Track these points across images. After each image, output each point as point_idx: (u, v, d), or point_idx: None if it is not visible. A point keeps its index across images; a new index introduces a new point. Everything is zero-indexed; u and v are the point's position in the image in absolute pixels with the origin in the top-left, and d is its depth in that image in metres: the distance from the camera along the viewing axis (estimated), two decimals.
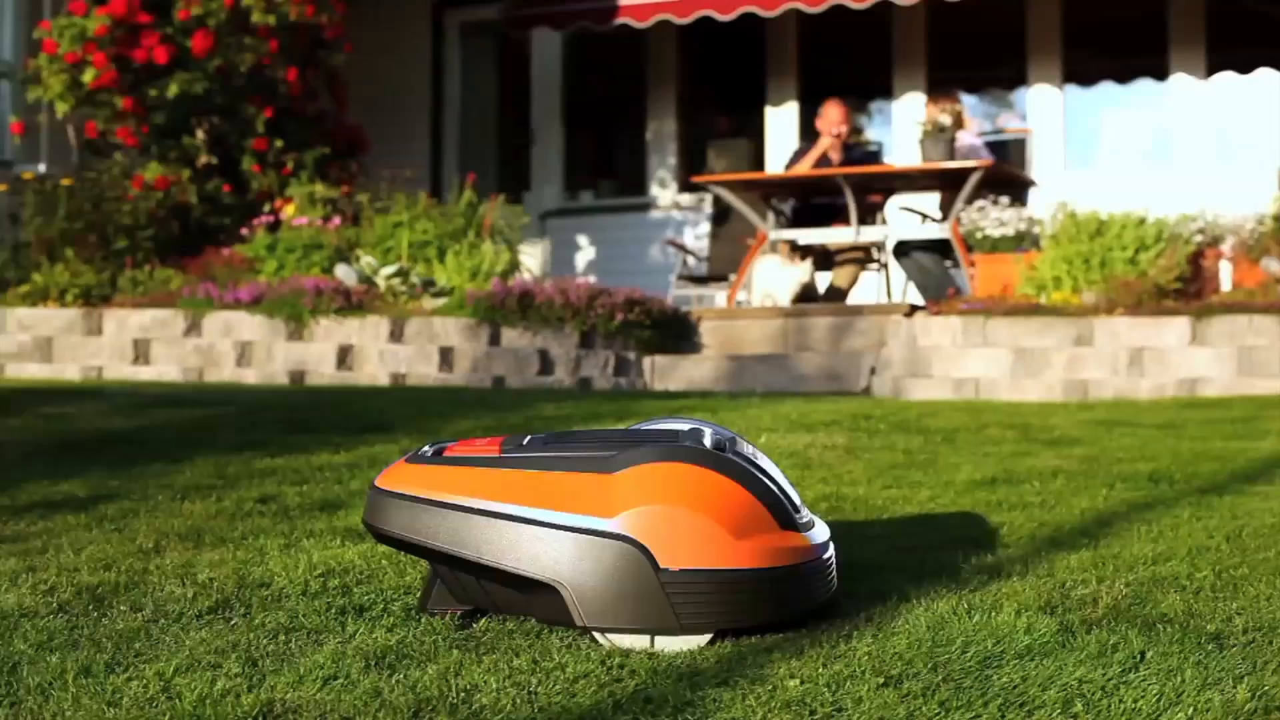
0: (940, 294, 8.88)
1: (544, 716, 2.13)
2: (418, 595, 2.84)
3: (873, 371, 7.65)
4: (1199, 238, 8.45)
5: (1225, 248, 8.59)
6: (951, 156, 9.57)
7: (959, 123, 9.97)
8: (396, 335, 7.58)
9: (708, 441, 2.52)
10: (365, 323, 7.61)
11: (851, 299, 9.82)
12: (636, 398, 6.58)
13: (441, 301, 7.81)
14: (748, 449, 2.60)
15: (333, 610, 2.70)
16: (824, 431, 4.98)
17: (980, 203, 8.93)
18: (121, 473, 4.09)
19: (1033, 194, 10.45)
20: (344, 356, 7.59)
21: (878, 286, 10.21)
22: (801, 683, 2.25)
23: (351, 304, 7.70)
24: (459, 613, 2.65)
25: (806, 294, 9.39)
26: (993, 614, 2.60)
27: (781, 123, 12.88)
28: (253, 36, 9.83)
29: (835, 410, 5.69)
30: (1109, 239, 7.88)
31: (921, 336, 7.37)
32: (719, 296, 10.90)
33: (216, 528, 3.42)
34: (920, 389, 7.24)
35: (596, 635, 2.46)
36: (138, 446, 4.54)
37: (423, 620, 2.65)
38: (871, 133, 13.24)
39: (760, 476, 2.51)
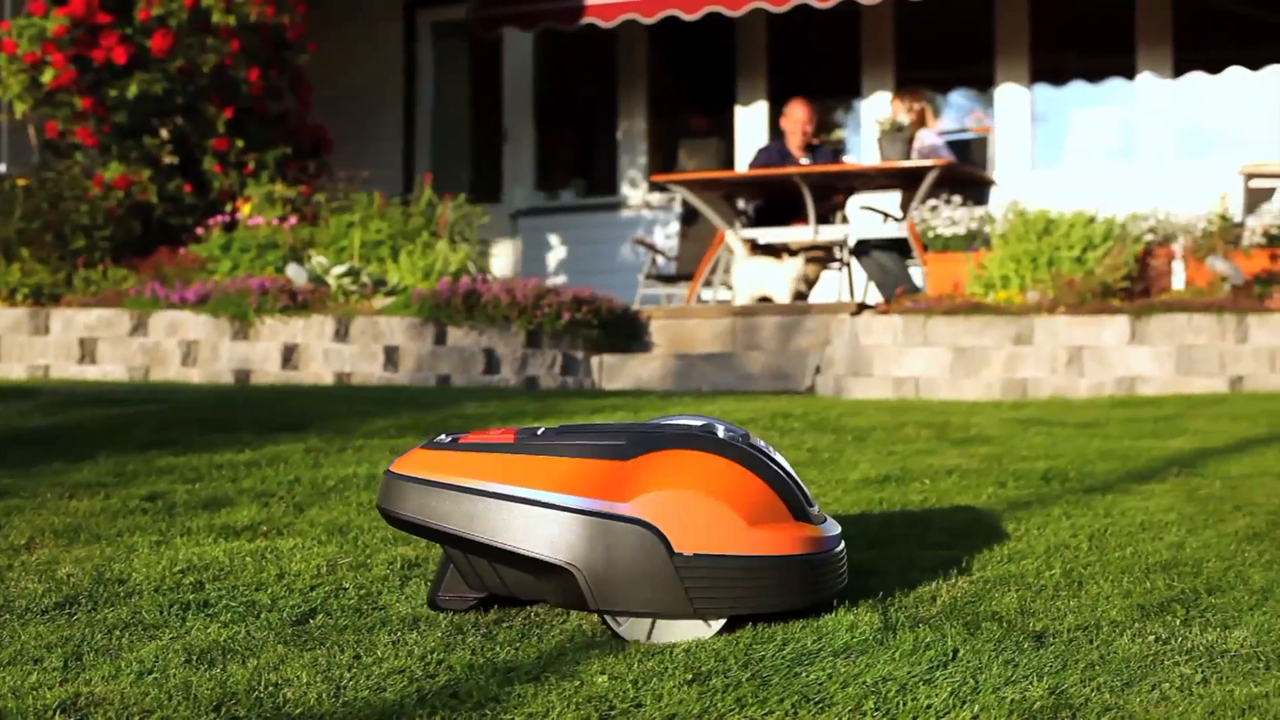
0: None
1: (345, 711, 2.16)
2: (269, 592, 2.87)
3: (817, 370, 7.67)
4: (1150, 236, 8.45)
5: (1177, 246, 8.58)
6: (909, 155, 9.58)
7: (921, 120, 9.97)
8: (341, 334, 7.61)
9: (721, 435, 2.54)
10: (310, 322, 7.63)
11: (814, 298, 9.83)
12: (567, 396, 6.60)
13: (390, 301, 7.84)
14: (760, 443, 2.62)
15: (176, 606, 2.73)
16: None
17: (933, 201, 8.94)
18: (20, 471, 4.11)
19: (998, 192, 10.45)
20: (289, 356, 7.61)
21: (839, 285, 10.22)
22: (610, 679, 2.27)
23: (297, 303, 7.72)
24: (468, 601, 2.66)
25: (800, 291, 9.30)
26: (823, 611, 2.62)
27: (751, 122, 12.89)
28: (214, 37, 9.85)
29: (759, 409, 5.71)
30: (1056, 238, 7.89)
31: (863, 335, 7.38)
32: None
33: (95, 525, 3.45)
34: (861, 388, 7.26)
35: (609, 619, 2.47)
36: (46, 445, 4.57)
37: (261, 615, 2.67)
38: (842, 132, 13.25)
39: (773, 467, 2.54)
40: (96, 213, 9.17)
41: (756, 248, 9.95)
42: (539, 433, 2.56)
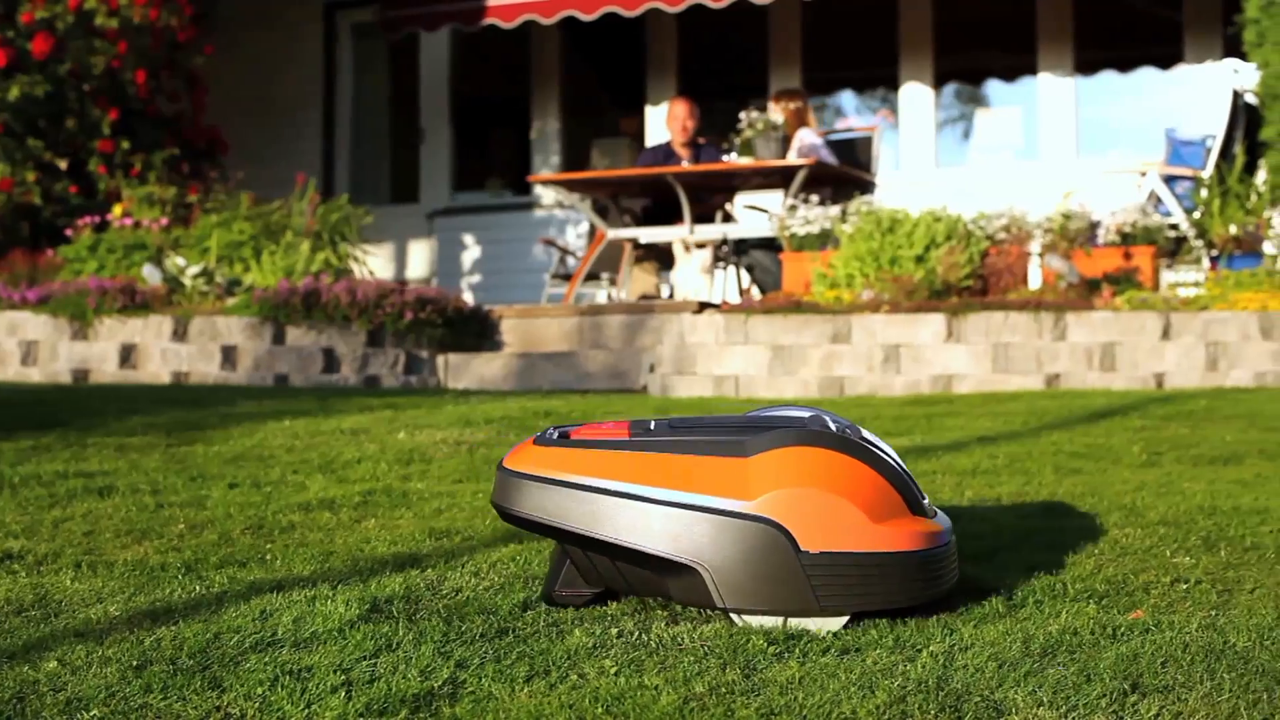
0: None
1: None
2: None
3: (651, 369, 7.76)
4: (1003, 235, 8.51)
5: (1034, 245, 8.64)
6: (784, 154, 9.66)
7: (801, 120, 10.05)
8: (179, 334, 7.72)
9: (831, 428, 2.54)
10: (149, 322, 7.75)
11: (709, 298, 9.90)
12: (347, 395, 6.69)
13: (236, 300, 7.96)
14: (872, 437, 2.61)
15: None
16: (477, 428, 5.09)
17: (790, 201, 9.02)
18: None
19: (885, 193, 10.52)
20: (127, 355, 7.73)
21: (723, 284, 10.31)
22: (61, 664, 2.37)
23: (136, 303, 7.84)
24: (584, 596, 2.64)
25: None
26: (328, 602, 2.70)
27: (661, 121, 12.97)
28: (103, 39, 9.98)
29: (529, 407, 5.80)
30: (899, 236, 7.96)
31: (689, 334, 7.47)
32: (599, 294, 11.02)
33: None
34: (685, 386, 7.35)
35: (734, 616, 2.49)
36: None
37: None
38: (750, 131, 13.30)
39: (889, 461, 2.54)
40: None
41: (639, 246, 10.06)
42: (651, 427, 2.56)
